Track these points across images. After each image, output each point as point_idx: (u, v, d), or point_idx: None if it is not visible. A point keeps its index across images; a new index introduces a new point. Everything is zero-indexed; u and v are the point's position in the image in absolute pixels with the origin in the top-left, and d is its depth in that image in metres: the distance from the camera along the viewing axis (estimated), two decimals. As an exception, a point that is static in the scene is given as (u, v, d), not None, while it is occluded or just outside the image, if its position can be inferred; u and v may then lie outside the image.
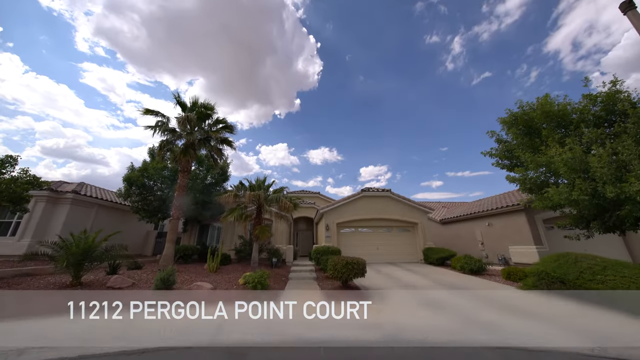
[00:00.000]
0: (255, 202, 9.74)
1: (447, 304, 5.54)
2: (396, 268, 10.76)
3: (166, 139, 9.28)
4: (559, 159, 6.26)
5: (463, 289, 6.89)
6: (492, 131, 9.08)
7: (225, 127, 10.11)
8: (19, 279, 6.78)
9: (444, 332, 3.98)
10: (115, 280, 6.53)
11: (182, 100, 9.59)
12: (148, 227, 15.56)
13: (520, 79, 53.66)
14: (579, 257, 6.08)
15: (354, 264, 6.61)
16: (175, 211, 9.01)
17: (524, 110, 8.03)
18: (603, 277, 5.23)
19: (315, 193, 21.77)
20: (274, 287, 6.94)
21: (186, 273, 8.42)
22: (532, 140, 8.08)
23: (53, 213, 10.59)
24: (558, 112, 7.32)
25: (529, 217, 10.80)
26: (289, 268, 10.50)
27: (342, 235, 13.42)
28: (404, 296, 6.20)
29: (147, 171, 11.16)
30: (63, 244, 6.49)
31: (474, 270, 9.27)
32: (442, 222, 17.20)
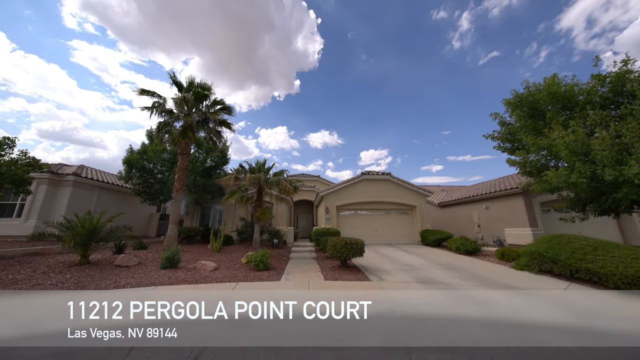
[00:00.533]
0: (255, 185, 9.81)
1: (442, 281, 5.79)
2: (394, 249, 11.09)
3: (164, 121, 9.13)
4: (560, 141, 6.21)
5: (457, 268, 7.16)
6: (496, 113, 8.92)
7: (223, 108, 9.90)
8: (29, 258, 7.03)
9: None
10: (122, 259, 6.77)
11: (178, 80, 9.30)
12: (151, 209, 15.79)
13: (528, 59, 51.57)
14: (572, 238, 6.25)
15: (352, 244, 6.81)
16: (176, 193, 9.11)
17: (529, 91, 7.82)
18: (593, 257, 5.41)
19: (315, 176, 21.84)
20: (275, 266, 7.21)
21: (190, 253, 8.70)
22: (536, 122, 7.98)
23: (56, 195, 10.70)
24: (564, 94, 7.14)
25: (526, 200, 10.93)
26: (289, 249, 10.82)
27: (341, 217, 13.67)
28: (400, 274, 6.46)
29: (147, 154, 11.11)
30: (69, 224, 6.64)
31: (469, 251, 9.57)
32: (440, 205, 17.44)
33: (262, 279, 5.94)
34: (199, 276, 5.98)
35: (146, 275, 5.93)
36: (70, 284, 5.05)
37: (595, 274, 5.22)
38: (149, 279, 5.61)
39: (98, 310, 2.33)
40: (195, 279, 5.77)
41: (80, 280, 5.31)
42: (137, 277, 5.71)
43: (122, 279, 5.57)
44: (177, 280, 5.60)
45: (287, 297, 4.52)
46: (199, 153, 12.53)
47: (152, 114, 8.76)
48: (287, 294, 4.72)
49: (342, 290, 4.99)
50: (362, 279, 5.97)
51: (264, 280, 5.80)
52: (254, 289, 5.06)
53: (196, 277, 5.86)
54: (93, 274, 5.84)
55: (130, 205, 13.97)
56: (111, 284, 5.21)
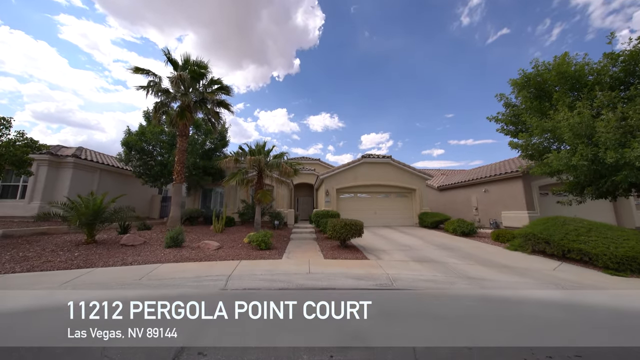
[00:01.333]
0: (256, 167, 9.81)
1: (438, 260, 6.00)
2: (392, 231, 11.35)
3: (160, 101, 8.91)
4: (565, 123, 6.12)
5: (453, 249, 7.38)
6: (501, 94, 8.70)
7: (220, 88, 9.62)
8: (37, 237, 7.22)
9: (432, 283, 4.39)
10: (127, 238, 6.96)
11: (173, 57, 8.94)
12: (152, 191, 15.94)
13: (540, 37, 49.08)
14: (567, 220, 6.38)
15: (352, 225, 6.96)
16: (177, 175, 9.14)
17: (538, 71, 7.57)
18: (586, 237, 5.56)
19: (315, 160, 21.78)
20: (276, 246, 7.43)
21: (193, 233, 8.92)
22: (541, 104, 7.82)
23: (57, 177, 10.74)
24: (574, 73, 6.91)
25: (525, 183, 10.99)
26: (290, 230, 11.08)
27: (341, 200, 13.83)
28: (398, 254, 6.67)
29: (145, 135, 10.97)
30: (73, 205, 6.75)
31: (466, 232, 9.80)
32: (439, 189, 17.57)
33: (264, 257, 6.15)
34: (203, 255, 6.19)
35: (152, 253, 6.13)
36: (79, 261, 5.25)
37: (587, 254, 5.40)
38: (155, 257, 5.81)
39: (98, 310, 2.40)
40: (200, 257, 5.97)
41: (89, 258, 5.50)
42: (143, 255, 5.91)
43: (128, 257, 5.77)
44: (182, 258, 5.80)
45: (288, 273, 4.73)
46: (197, 135, 12.38)
47: (148, 94, 8.54)
48: (288, 270, 4.92)
49: (341, 268, 5.19)
50: (360, 258, 6.18)
51: (266, 259, 6.00)
52: (256, 266, 5.27)
53: (200, 256, 6.07)
54: (100, 252, 6.04)
55: (132, 188, 14.06)
56: (119, 261, 5.41)
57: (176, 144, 9.55)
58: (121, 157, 11.27)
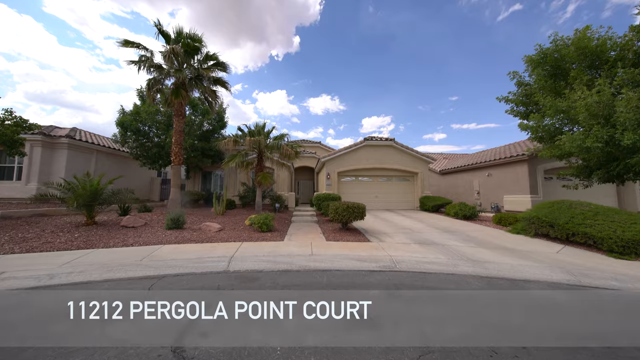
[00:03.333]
0: (255, 149, 9.56)
1: (440, 243, 5.98)
2: (393, 214, 11.35)
3: (153, 78, 8.44)
4: (582, 102, 5.80)
5: (455, 232, 7.36)
6: (514, 72, 8.23)
7: (216, 64, 9.09)
8: (36, 219, 7.16)
9: (435, 266, 4.36)
10: (128, 219, 6.89)
11: (164, 30, 8.32)
12: (151, 173, 15.77)
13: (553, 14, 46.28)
14: (574, 204, 6.28)
15: (354, 208, 6.88)
16: (174, 157, 8.91)
17: (556, 45, 7.08)
18: (592, 221, 5.48)
19: (316, 143, 21.39)
20: (278, 228, 7.40)
21: (194, 216, 8.88)
22: (556, 83, 7.44)
23: (53, 158, 10.51)
24: (595, 49, 6.46)
25: (530, 167, 10.80)
26: (291, 213, 11.07)
27: (342, 183, 13.71)
28: (399, 236, 6.65)
29: (140, 115, 10.58)
30: (70, 186, 6.60)
31: (467, 216, 9.78)
32: (441, 173, 17.40)
33: (265, 239, 6.12)
34: (205, 236, 6.15)
35: (153, 235, 6.09)
36: (79, 242, 5.20)
37: (592, 237, 5.34)
38: (156, 238, 5.77)
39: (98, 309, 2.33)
40: (201, 238, 5.94)
41: (89, 239, 5.45)
42: (144, 237, 5.86)
43: (129, 238, 5.72)
44: (183, 240, 5.76)
45: (291, 255, 4.69)
46: (194, 116, 11.97)
47: (139, 69, 8.04)
48: (290, 252, 4.89)
49: (343, 250, 5.16)
50: (362, 240, 6.16)
51: (268, 241, 5.97)
52: (258, 247, 5.23)
53: (202, 237, 6.03)
54: (101, 233, 6.00)
55: (130, 170, 13.88)
56: (119, 242, 5.37)
57: (173, 125, 9.20)
58: (117, 138, 10.95)
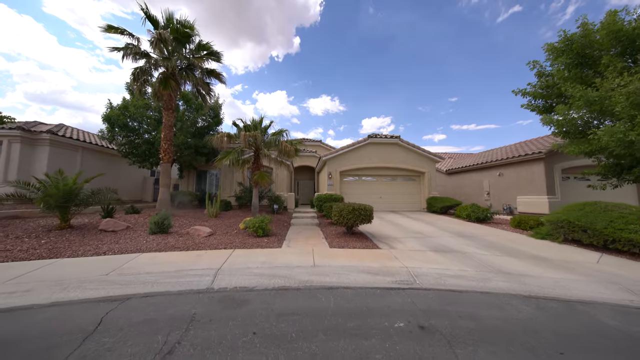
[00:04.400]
0: (252, 145, 8.83)
1: (458, 250, 5.26)
2: (399, 216, 10.63)
3: (140, 67, 7.72)
4: (621, 90, 5.09)
5: (471, 236, 6.65)
6: (535, 61, 7.52)
7: (210, 54, 8.38)
8: (7, 221, 6.41)
9: (461, 279, 3.64)
10: (107, 223, 6.17)
11: (151, 14, 7.61)
12: (144, 172, 15.05)
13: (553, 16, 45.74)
14: (609, 206, 5.56)
15: (360, 210, 6.16)
16: (164, 154, 8.20)
17: (585, 29, 6.37)
18: (637, 226, 4.76)
19: (317, 141, 20.68)
20: (275, 232, 6.68)
21: (185, 218, 8.15)
22: (582, 72, 6.73)
23: (34, 156, 9.78)
24: (632, 31, 5.74)
25: (547, 166, 10.08)
26: (290, 214, 10.34)
27: (344, 183, 12.99)
28: (411, 242, 5.93)
29: (129, 109, 9.85)
30: (41, 185, 5.87)
31: (480, 218, 9.07)
32: (448, 173, 16.69)
33: (261, 245, 5.39)
34: (192, 242, 5.43)
35: (133, 240, 5.36)
36: (43, 251, 4.46)
37: (638, 244, 4.63)
38: (135, 245, 5.04)
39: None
40: (187, 245, 5.21)
41: (56, 247, 4.72)
42: (121, 243, 5.13)
43: (104, 244, 4.99)
44: (166, 247, 5.04)
45: (289, 266, 3.96)
46: (188, 112, 11.24)
47: (124, 57, 7.33)
48: (289, 262, 4.15)
49: (351, 259, 4.43)
50: (371, 247, 5.43)
51: (263, 247, 5.25)
52: (252, 256, 4.50)
53: (188, 244, 5.30)
54: (73, 239, 5.26)
55: (120, 169, 13.15)
56: (90, 250, 4.63)
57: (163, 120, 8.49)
58: (103, 134, 10.21)
